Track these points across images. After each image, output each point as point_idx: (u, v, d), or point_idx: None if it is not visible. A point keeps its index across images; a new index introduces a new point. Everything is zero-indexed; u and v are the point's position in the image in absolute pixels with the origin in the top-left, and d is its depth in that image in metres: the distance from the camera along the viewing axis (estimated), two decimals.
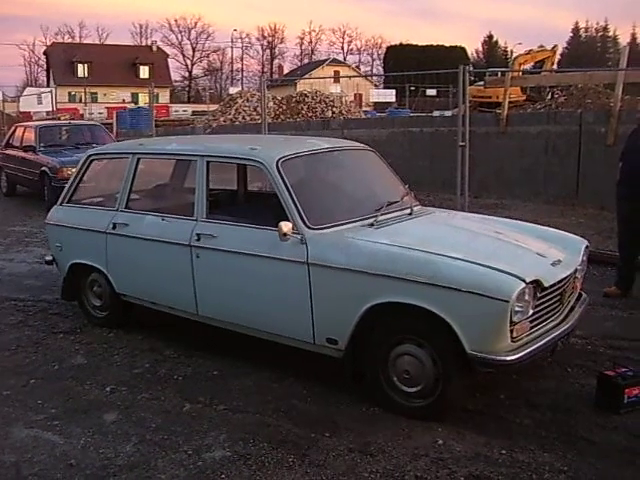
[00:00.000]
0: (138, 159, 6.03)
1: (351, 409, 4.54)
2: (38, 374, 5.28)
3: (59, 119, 26.09)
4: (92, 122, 21.16)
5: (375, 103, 49.02)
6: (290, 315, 4.88)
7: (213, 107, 39.22)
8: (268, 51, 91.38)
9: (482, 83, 25.18)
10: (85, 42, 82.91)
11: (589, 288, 7.21)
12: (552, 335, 4.48)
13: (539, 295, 4.30)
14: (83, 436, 4.29)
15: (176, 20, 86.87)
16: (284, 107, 25.88)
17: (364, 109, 41.63)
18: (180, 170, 6.37)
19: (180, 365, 5.37)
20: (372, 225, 4.92)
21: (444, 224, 5.46)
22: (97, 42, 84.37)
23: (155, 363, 5.43)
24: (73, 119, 27.93)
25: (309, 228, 4.73)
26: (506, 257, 4.53)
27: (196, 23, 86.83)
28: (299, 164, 5.29)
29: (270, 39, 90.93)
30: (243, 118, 25.28)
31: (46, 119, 26.74)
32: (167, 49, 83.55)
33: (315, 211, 4.89)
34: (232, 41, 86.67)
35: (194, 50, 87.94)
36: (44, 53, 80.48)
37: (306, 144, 5.77)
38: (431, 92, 46.29)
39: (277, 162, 4.98)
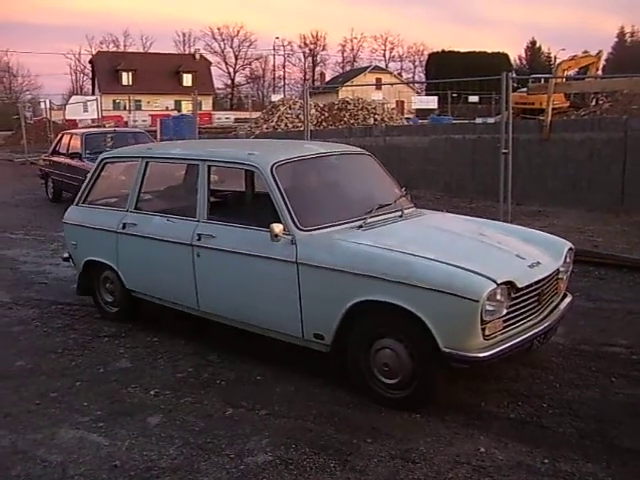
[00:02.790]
0: (147, 163, 6.29)
1: (392, 415, 4.54)
2: (84, 377, 5.37)
3: (104, 126, 26.49)
4: (137, 129, 21.48)
5: (417, 110, 48.86)
6: (281, 311, 5.13)
7: (255, 114, 39.56)
8: (310, 58, 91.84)
9: (525, 90, 25.05)
10: (129, 51, 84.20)
11: (633, 297, 7.17)
12: (528, 334, 4.62)
13: (513, 295, 4.43)
14: (127, 438, 4.35)
15: (219, 28, 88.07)
16: (326, 114, 26.04)
17: (406, 116, 41.62)
18: (185, 173, 6.63)
19: (223, 369, 5.42)
20: (360, 227, 5.11)
21: (430, 226, 5.56)
22: (141, 51, 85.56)
23: (198, 367, 5.48)
24: (117, 126, 28.31)
25: (299, 229, 4.96)
26: (482, 258, 4.68)
27: (238, 31, 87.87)
28: (293, 169, 5.50)
29: (312, 46, 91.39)
30: (285, 125, 25.45)
31: (91, 126, 27.18)
32: (210, 57, 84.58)
33: (306, 213, 5.11)
34: (274, 49, 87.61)
35: (236, 58, 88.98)
36: (89, 62, 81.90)
37: (302, 149, 5.97)
38: (473, 99, 46.06)
39: (272, 167, 5.21)
